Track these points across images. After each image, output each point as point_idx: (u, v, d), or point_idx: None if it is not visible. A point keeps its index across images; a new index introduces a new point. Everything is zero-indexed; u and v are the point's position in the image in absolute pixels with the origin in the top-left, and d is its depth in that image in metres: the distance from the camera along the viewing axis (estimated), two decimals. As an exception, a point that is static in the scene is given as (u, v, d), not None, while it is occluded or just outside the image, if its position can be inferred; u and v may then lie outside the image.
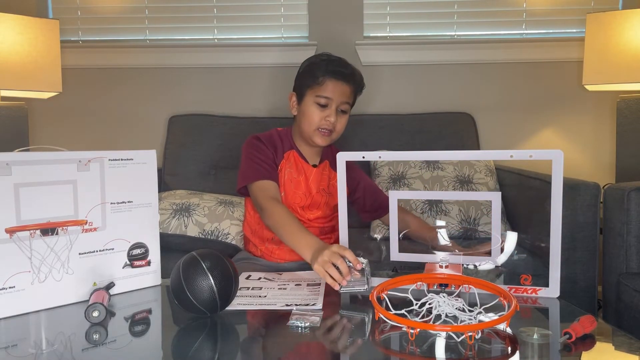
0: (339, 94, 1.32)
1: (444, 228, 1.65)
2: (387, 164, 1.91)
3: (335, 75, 1.32)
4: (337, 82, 1.31)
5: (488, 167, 1.88)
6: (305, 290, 1.03)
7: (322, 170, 1.41)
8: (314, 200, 1.38)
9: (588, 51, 1.86)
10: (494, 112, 2.23)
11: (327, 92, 1.31)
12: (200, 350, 0.77)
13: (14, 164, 0.91)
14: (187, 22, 2.26)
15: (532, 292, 1.00)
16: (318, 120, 1.32)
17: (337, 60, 1.36)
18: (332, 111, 1.32)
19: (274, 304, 0.96)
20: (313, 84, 1.32)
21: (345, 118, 1.36)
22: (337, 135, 1.37)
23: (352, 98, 1.37)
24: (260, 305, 0.95)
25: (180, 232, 1.65)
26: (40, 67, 1.79)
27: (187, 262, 0.88)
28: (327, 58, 1.37)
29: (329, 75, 1.31)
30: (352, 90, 1.35)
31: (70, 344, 0.80)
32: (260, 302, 0.97)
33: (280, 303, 0.96)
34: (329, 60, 1.35)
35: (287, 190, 1.37)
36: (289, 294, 1.02)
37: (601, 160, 2.22)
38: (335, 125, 1.34)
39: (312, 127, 1.33)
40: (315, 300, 0.97)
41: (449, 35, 2.25)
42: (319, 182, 1.40)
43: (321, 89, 1.31)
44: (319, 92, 1.32)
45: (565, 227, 1.41)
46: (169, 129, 2.15)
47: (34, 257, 0.93)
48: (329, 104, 1.32)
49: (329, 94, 1.31)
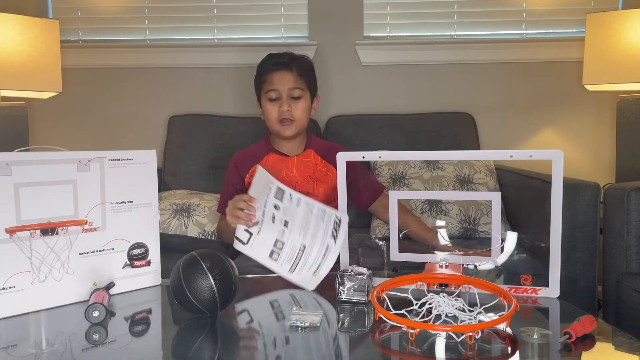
0: (284, 83, 1.41)
1: (444, 228, 1.65)
2: (387, 164, 1.91)
3: (274, 66, 1.42)
4: (278, 73, 1.41)
5: (488, 167, 1.88)
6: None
7: (304, 158, 1.46)
8: (301, 189, 1.42)
9: (588, 51, 1.86)
10: (494, 112, 2.23)
11: (272, 85, 1.41)
12: (200, 350, 0.77)
13: (14, 164, 0.91)
14: (187, 22, 2.26)
15: (532, 292, 1.00)
16: (275, 114, 1.41)
17: (277, 54, 1.46)
18: (283, 101, 1.40)
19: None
20: (261, 84, 1.44)
21: (301, 103, 1.43)
22: (302, 123, 1.44)
23: (301, 82, 1.43)
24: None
25: (180, 233, 1.65)
26: (40, 67, 1.79)
27: (187, 262, 0.88)
28: (267, 56, 1.48)
29: (269, 69, 1.42)
30: (297, 74, 1.42)
31: (70, 344, 0.80)
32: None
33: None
34: (267, 57, 1.46)
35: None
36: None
37: (601, 160, 2.22)
38: (293, 112, 1.41)
39: (273, 122, 1.42)
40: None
41: (449, 35, 2.25)
42: (303, 170, 1.45)
43: (267, 84, 1.42)
44: (266, 88, 1.42)
45: (565, 227, 1.42)
46: (169, 129, 2.15)
47: (34, 257, 0.93)
48: (278, 95, 1.41)
49: (275, 85, 1.41)
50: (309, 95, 1.45)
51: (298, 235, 1.05)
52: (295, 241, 1.05)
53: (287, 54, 1.46)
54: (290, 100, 1.41)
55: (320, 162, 1.47)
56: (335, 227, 1.07)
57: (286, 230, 1.05)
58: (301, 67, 1.43)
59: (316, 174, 1.45)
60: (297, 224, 1.06)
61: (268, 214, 1.06)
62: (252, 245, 1.04)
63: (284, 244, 1.04)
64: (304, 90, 1.43)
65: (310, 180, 1.43)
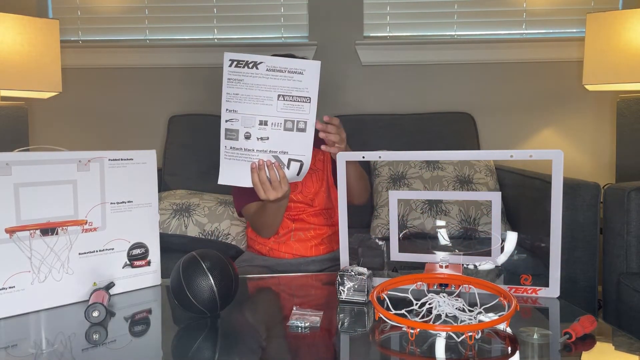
0: None
1: (444, 228, 1.65)
2: (387, 164, 1.91)
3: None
4: None
5: (488, 167, 1.88)
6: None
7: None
8: (303, 181, 1.43)
9: (588, 51, 1.86)
10: (494, 112, 2.23)
11: None
12: (200, 350, 0.77)
13: (14, 164, 0.91)
14: (187, 22, 2.26)
15: (532, 292, 1.00)
16: None
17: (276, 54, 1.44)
18: None
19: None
20: None
21: None
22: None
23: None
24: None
25: (180, 232, 1.65)
26: (40, 67, 1.79)
27: (187, 262, 0.88)
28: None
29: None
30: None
31: (70, 344, 0.80)
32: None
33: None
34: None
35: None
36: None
37: (601, 160, 2.22)
38: None
39: None
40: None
41: (449, 35, 2.25)
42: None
43: None
44: None
45: (565, 227, 1.42)
46: (169, 129, 2.16)
47: (34, 257, 0.93)
48: None
49: None
50: None
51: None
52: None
53: (286, 55, 1.45)
54: None
55: (317, 151, 1.46)
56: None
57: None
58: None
59: (316, 164, 1.47)
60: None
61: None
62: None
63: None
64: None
65: (312, 173, 1.45)
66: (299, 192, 1.43)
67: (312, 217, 1.42)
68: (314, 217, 1.42)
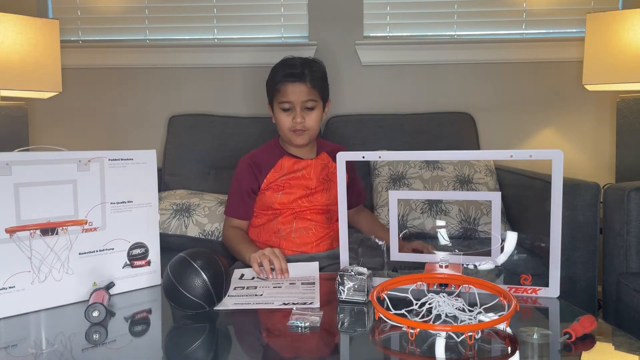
0: (297, 95, 1.38)
1: (444, 228, 1.66)
2: (387, 164, 1.91)
3: (287, 78, 1.38)
4: (292, 85, 1.38)
5: (488, 167, 1.88)
6: (300, 289, 1.04)
7: (320, 161, 1.47)
8: (317, 190, 1.44)
9: (588, 51, 1.86)
10: (494, 112, 2.23)
11: (286, 97, 1.38)
12: (199, 350, 0.77)
13: (14, 164, 0.91)
14: (187, 22, 2.26)
15: (532, 292, 1.00)
16: (288, 124, 1.39)
17: (290, 62, 1.42)
18: (297, 113, 1.38)
19: (272, 303, 0.96)
20: (274, 92, 1.41)
21: (315, 113, 1.41)
22: (314, 131, 1.43)
23: (314, 93, 1.40)
24: (257, 305, 0.95)
25: (180, 233, 1.65)
26: (40, 67, 1.79)
27: (174, 262, 0.91)
28: (281, 63, 1.44)
29: (282, 80, 1.39)
30: (310, 86, 1.39)
31: (70, 344, 0.80)
32: (258, 301, 0.97)
33: (277, 302, 0.96)
34: (281, 65, 1.43)
35: (287, 189, 1.43)
36: (284, 292, 1.02)
37: (601, 160, 2.22)
38: (306, 123, 1.39)
39: (286, 130, 1.41)
40: (312, 299, 0.97)
41: (449, 35, 2.25)
42: (319, 173, 1.45)
43: (280, 95, 1.39)
44: (280, 98, 1.39)
45: (565, 227, 1.42)
46: (169, 129, 2.15)
47: (34, 257, 0.93)
48: (291, 106, 1.39)
49: (288, 97, 1.38)
50: (321, 103, 1.43)
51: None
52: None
53: (300, 62, 1.41)
54: (303, 112, 1.39)
55: (332, 164, 1.48)
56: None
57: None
58: (314, 78, 1.39)
59: (329, 176, 1.46)
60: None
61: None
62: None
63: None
64: (317, 100, 1.40)
65: (324, 182, 1.45)
66: (302, 190, 1.44)
67: (314, 215, 1.43)
68: (315, 214, 1.43)
